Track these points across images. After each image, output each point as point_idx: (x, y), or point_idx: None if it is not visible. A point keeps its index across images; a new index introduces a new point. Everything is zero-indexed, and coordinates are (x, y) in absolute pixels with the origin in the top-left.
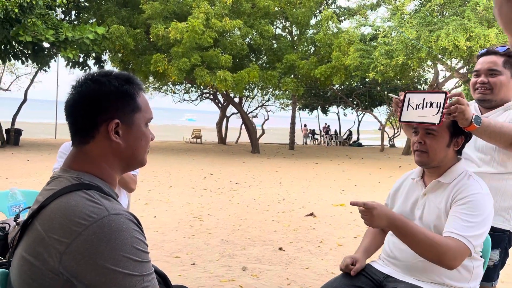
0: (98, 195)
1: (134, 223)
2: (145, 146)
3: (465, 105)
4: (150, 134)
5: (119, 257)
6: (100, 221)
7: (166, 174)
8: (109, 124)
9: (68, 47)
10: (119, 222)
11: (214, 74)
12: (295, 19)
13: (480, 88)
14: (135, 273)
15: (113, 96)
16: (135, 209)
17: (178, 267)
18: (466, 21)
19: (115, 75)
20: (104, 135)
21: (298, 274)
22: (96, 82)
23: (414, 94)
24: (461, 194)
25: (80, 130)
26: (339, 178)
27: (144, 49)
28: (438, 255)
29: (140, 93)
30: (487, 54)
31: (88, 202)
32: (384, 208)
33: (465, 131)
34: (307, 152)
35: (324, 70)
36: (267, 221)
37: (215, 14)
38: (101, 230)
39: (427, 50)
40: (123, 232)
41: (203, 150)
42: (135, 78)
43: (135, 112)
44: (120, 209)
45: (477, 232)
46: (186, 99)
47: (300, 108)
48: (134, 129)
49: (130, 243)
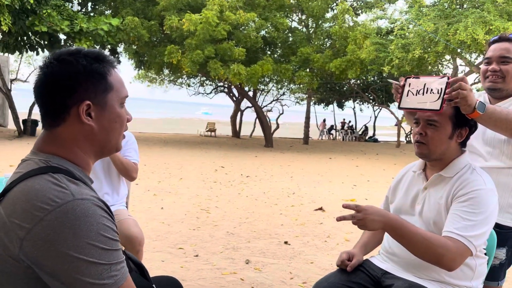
0: (66, 179)
1: (102, 209)
2: (120, 129)
3: (467, 90)
4: (126, 115)
5: (83, 244)
6: (64, 206)
7: (177, 166)
8: (79, 106)
9: (83, 38)
10: (84, 207)
11: (227, 67)
12: (311, 11)
13: (491, 76)
14: (101, 261)
15: (81, 76)
16: (144, 200)
17: (181, 258)
18: (485, 13)
19: (84, 53)
20: (76, 118)
21: (302, 269)
22: (63, 62)
23: (414, 80)
24: (462, 190)
25: (49, 113)
26: (352, 173)
27: (158, 41)
28: (436, 256)
29: (112, 71)
30: (499, 40)
31: (53, 186)
32: (378, 209)
33: (470, 122)
34: (321, 147)
35: (339, 64)
36: (275, 215)
37: (230, 6)
38: (65, 216)
39: (444, 43)
40: (89, 218)
41: (216, 144)
42: (106, 55)
43: (108, 92)
44: (87, 194)
45: (478, 232)
46: (201, 92)
47: (315, 102)
48: (107, 110)
49: (96, 230)
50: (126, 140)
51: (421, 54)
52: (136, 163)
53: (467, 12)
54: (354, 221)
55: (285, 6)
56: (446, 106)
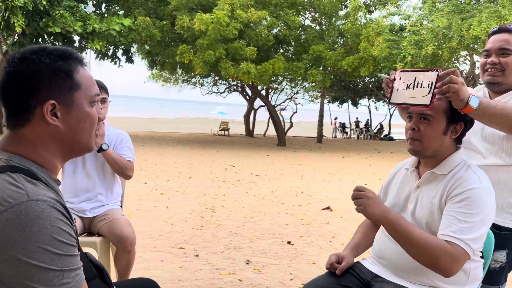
0: (24, 179)
1: (59, 212)
2: (90, 128)
3: (459, 84)
4: (96, 114)
5: (34, 248)
6: (17, 207)
7: (188, 165)
8: (43, 106)
9: (96, 39)
10: (38, 209)
11: (238, 66)
12: (323, 9)
13: (490, 69)
14: (52, 267)
15: (44, 75)
16: (150, 199)
17: (181, 258)
18: (500, 8)
19: (48, 51)
20: (40, 118)
21: (303, 269)
22: (24, 61)
23: (405, 73)
24: (457, 189)
25: (13, 113)
26: (364, 172)
27: (170, 41)
28: (432, 258)
29: (78, 68)
30: (499, 32)
31: (8, 186)
32: (379, 199)
33: (465, 117)
34: (335, 145)
35: (352, 61)
36: (280, 214)
37: (241, 4)
38: (17, 217)
39: (458, 39)
40: (42, 221)
41: (229, 143)
42: (73, 52)
43: (74, 90)
44: (44, 194)
45: (476, 234)
46: (215, 92)
47: (329, 101)
48: (74, 109)
49: (50, 233)
50: (120, 139)
51: (434, 50)
52: (131, 161)
53: (481, 6)
54: (354, 202)
55: (297, 3)
56: (436, 101)
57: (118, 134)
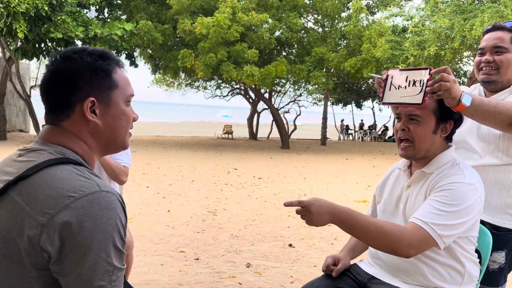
0: (87, 171)
1: (121, 206)
2: (126, 126)
3: (450, 82)
4: (132, 113)
5: (100, 237)
6: (91, 196)
7: (191, 168)
8: (84, 103)
9: (98, 44)
10: (109, 199)
11: (241, 69)
12: (325, 11)
13: (485, 68)
14: (109, 260)
15: (85, 73)
16: (152, 203)
17: (181, 262)
18: (502, 8)
19: (88, 51)
20: (80, 115)
21: (304, 272)
22: (67, 59)
23: (397, 72)
24: (439, 183)
25: (54, 109)
26: (368, 174)
27: (173, 45)
28: (390, 244)
29: (116, 69)
30: (493, 29)
31: (79, 177)
32: (323, 202)
33: (454, 115)
34: (339, 147)
35: (354, 63)
36: (282, 217)
37: (242, 8)
38: (90, 205)
39: (460, 39)
40: (110, 212)
41: (232, 146)
42: (110, 53)
43: (112, 89)
44: (112, 188)
45: (447, 222)
46: (218, 95)
47: (333, 103)
48: (112, 107)
49: (115, 225)
50: None
51: (437, 51)
52: (126, 166)
53: (484, 6)
54: (301, 217)
55: (299, 6)
56: (428, 100)
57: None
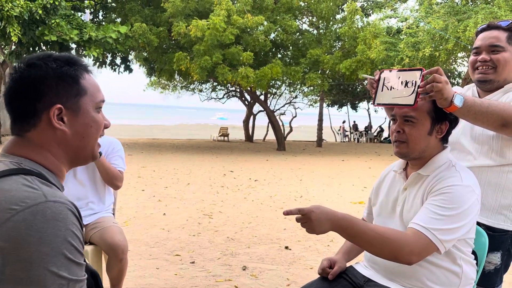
0: (38, 181)
1: (74, 216)
2: (96, 134)
3: (442, 83)
4: (102, 120)
5: (47, 251)
6: (34, 207)
7: (186, 171)
8: (50, 110)
9: (92, 46)
10: (56, 210)
11: (236, 71)
12: (319, 13)
13: (481, 67)
14: (62, 273)
15: (51, 80)
16: (147, 206)
17: (176, 265)
18: (496, 9)
19: (54, 57)
20: (47, 123)
21: (300, 275)
22: (31, 66)
23: (389, 73)
24: (437, 186)
25: (19, 118)
26: (364, 175)
27: (168, 47)
28: (392, 251)
29: (84, 75)
30: (488, 29)
31: (24, 187)
32: (324, 209)
33: (449, 116)
34: (335, 149)
35: (350, 64)
36: (279, 219)
37: (237, 10)
38: (33, 217)
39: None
40: (58, 222)
41: (228, 148)
42: (78, 59)
43: (80, 95)
44: (61, 197)
45: (446, 226)
46: (213, 97)
47: (328, 104)
48: (81, 115)
49: (64, 236)
50: (112, 147)
51: (431, 52)
52: (121, 171)
53: (477, 8)
54: (301, 225)
55: (294, 8)
56: (420, 101)
57: (110, 142)
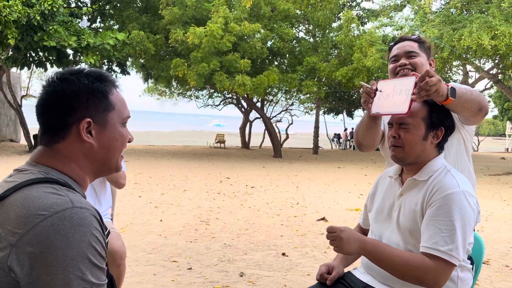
0: (64, 189)
1: (97, 222)
2: (121, 147)
3: (436, 78)
4: (127, 134)
5: (73, 255)
6: (62, 213)
7: (183, 178)
8: (80, 124)
9: (90, 53)
10: (82, 215)
11: (233, 79)
12: (316, 21)
13: (402, 71)
14: (86, 277)
15: (82, 95)
16: (144, 213)
17: (173, 271)
18: (490, 18)
19: (85, 73)
20: (76, 136)
21: (297, 281)
22: (64, 81)
23: (385, 82)
24: (435, 196)
25: (50, 130)
26: (360, 182)
27: (165, 54)
28: (417, 278)
29: (113, 90)
30: (400, 41)
31: (51, 195)
32: (354, 232)
33: (445, 122)
34: (331, 156)
35: (346, 72)
36: (276, 226)
37: (234, 18)
38: (61, 223)
39: (449, 49)
40: (83, 228)
41: (225, 155)
42: (108, 75)
43: (109, 110)
44: (86, 203)
45: (458, 242)
46: (210, 104)
47: (325, 112)
48: (108, 129)
49: (89, 241)
50: None
51: None
52: (123, 170)
53: (472, 17)
54: (330, 242)
55: (291, 16)
56: (419, 106)
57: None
